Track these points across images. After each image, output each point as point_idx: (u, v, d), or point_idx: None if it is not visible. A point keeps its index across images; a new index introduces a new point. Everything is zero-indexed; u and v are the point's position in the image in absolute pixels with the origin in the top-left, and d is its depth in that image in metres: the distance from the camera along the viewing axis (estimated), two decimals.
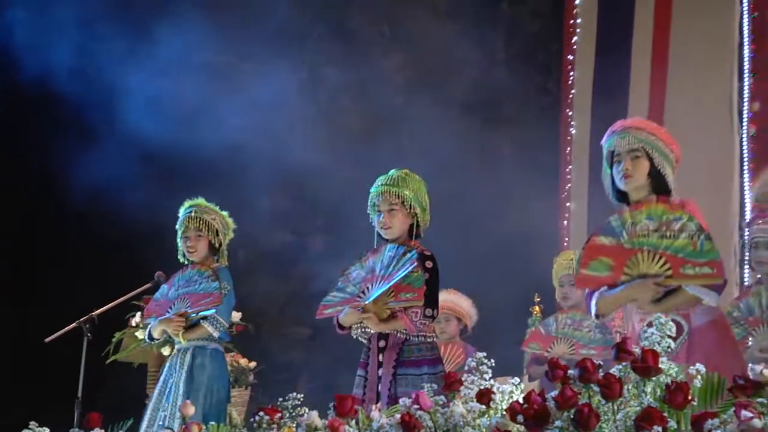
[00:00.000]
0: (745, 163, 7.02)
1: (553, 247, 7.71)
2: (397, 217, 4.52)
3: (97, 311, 5.44)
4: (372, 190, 4.61)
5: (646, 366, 2.97)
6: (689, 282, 3.72)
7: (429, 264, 4.46)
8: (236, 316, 6.13)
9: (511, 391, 3.32)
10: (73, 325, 5.39)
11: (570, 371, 3.07)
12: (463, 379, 3.37)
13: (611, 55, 7.89)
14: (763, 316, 5.02)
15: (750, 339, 4.95)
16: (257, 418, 3.63)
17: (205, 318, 5.04)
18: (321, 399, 3.65)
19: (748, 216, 6.87)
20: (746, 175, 6.99)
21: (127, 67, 7.87)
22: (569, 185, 8.07)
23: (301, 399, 3.75)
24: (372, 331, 4.50)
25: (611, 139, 4.02)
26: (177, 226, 5.21)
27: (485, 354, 3.47)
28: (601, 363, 3.11)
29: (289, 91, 8.31)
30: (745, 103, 7.08)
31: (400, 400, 3.37)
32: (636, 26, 7.76)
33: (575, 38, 8.23)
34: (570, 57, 8.28)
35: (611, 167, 4.02)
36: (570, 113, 8.17)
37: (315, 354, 8.43)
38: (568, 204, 8.03)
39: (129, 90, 7.82)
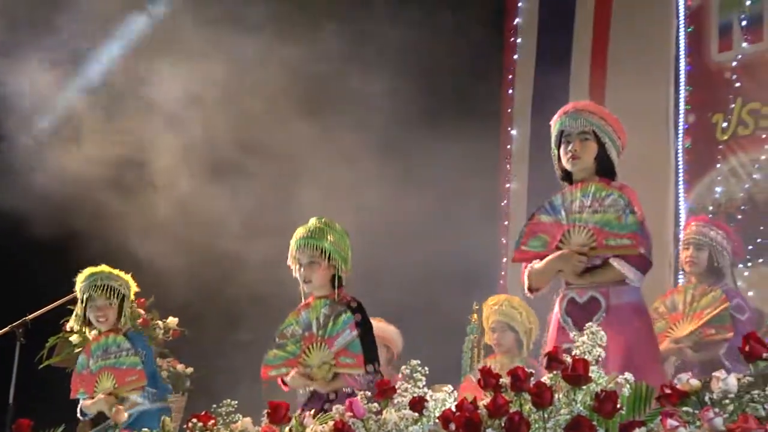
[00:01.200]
0: (680, 175, 7.13)
1: (493, 261, 7.79)
2: (318, 270, 4.50)
3: (30, 316, 5.38)
4: (292, 242, 4.56)
5: (576, 375, 3.00)
6: (609, 252, 3.89)
7: (358, 318, 4.47)
8: (173, 322, 6.10)
9: (444, 399, 3.34)
10: (6, 329, 5.33)
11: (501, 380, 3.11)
12: (396, 386, 3.39)
13: (551, 66, 7.98)
14: (686, 312, 5.18)
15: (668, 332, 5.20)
16: (190, 424, 3.61)
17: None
18: (262, 405, 3.64)
19: (683, 227, 6.99)
20: (681, 187, 7.10)
21: None
22: (508, 194, 8.15)
23: (236, 405, 3.74)
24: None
25: (562, 120, 4.10)
26: (79, 294, 5.15)
27: (419, 362, 3.49)
28: None
29: None
30: (681, 116, 7.19)
31: (334, 407, 3.39)
32: (575, 38, 7.86)
33: (516, 48, 8.33)
34: (511, 67, 8.37)
35: (559, 147, 4.09)
36: (510, 123, 8.26)
37: (257, 359, 8.38)
38: (507, 213, 8.11)
39: None
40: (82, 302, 5.13)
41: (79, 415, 5.23)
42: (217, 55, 7.57)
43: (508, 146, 8.27)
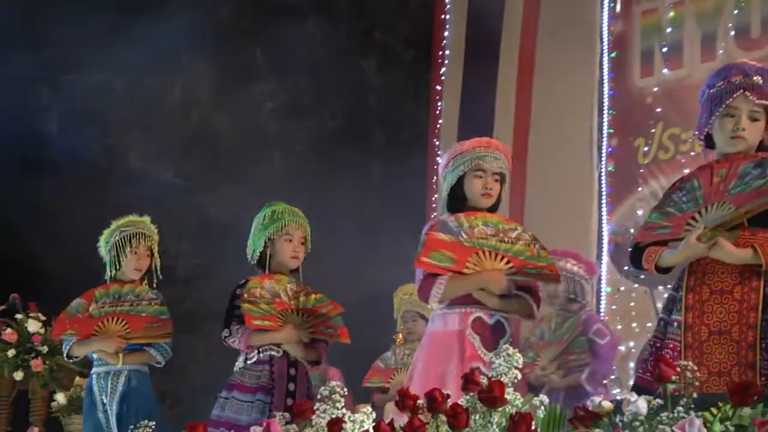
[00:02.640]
0: (604, 197, 7.23)
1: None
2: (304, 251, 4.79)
3: None
4: (282, 216, 4.74)
5: (492, 396, 3.03)
6: (532, 279, 4.04)
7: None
8: None
9: (362, 420, 3.34)
10: None
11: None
12: (315, 407, 3.38)
13: (477, 87, 8.06)
14: (551, 340, 5.30)
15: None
16: None
17: (149, 344, 4.94)
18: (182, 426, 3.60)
19: (605, 249, 7.10)
20: (604, 209, 7.21)
21: None
22: (434, 214, 8.18)
23: (153, 427, 3.69)
24: (277, 355, 4.57)
25: (481, 155, 4.15)
26: (118, 239, 5.11)
27: (339, 383, 3.49)
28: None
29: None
30: (604, 139, 7.31)
31: (251, 428, 3.37)
32: (501, 60, 7.95)
33: (443, 69, 8.39)
34: (438, 87, 8.43)
35: (462, 176, 4.16)
36: (437, 143, 8.32)
37: (179, 379, 8.30)
38: None
39: None
40: (115, 248, 5.08)
41: (65, 355, 5.14)
42: None
43: (435, 166, 8.31)
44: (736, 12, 6.69)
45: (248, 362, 4.59)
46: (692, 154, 6.59)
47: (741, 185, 3.34)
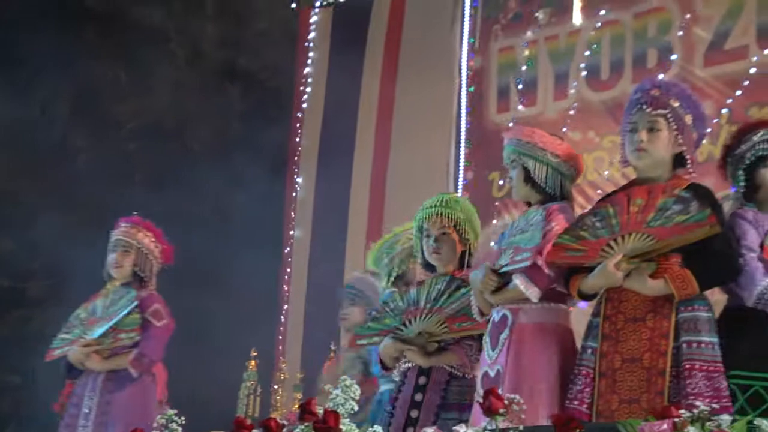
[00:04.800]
0: None
1: (273, 306, 7.82)
2: (448, 242, 4.16)
3: None
4: (419, 214, 4.24)
5: (327, 427, 3.05)
6: (513, 267, 3.72)
7: None
8: None
9: None
10: None
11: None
12: None
13: (338, 116, 8.13)
14: (103, 315, 5.03)
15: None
16: None
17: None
18: None
19: None
20: None
21: None
22: (291, 241, 8.22)
23: None
24: (408, 366, 4.13)
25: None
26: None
27: (177, 411, 3.45)
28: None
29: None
30: (460, 171, 7.45)
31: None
32: (363, 90, 8.04)
33: (305, 96, 8.44)
34: (299, 114, 8.47)
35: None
36: (296, 170, 8.35)
37: (26, 404, 8.07)
38: (289, 260, 8.16)
39: None
40: None
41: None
42: None
43: (294, 194, 8.34)
44: (587, 53, 6.94)
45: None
46: None
47: (662, 219, 3.37)
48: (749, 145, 3.76)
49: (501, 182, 7.19)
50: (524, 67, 7.22)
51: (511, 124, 7.19)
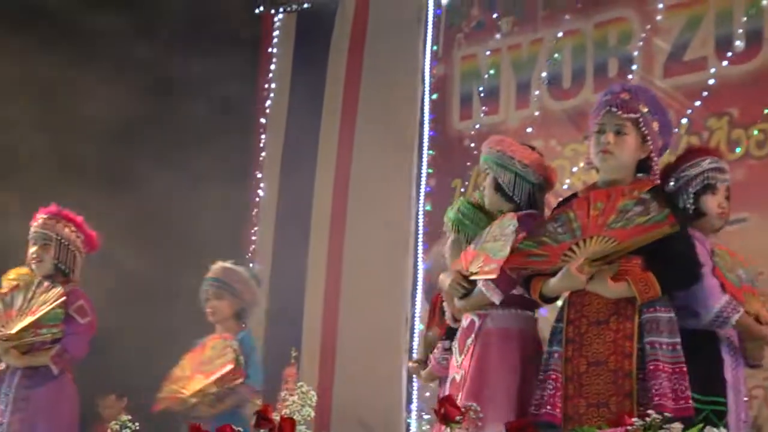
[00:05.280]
0: (420, 236, 7.39)
1: None
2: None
3: None
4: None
5: None
6: (480, 278, 3.75)
7: None
8: None
9: None
10: None
11: None
12: None
13: (301, 121, 8.12)
14: (22, 308, 4.94)
15: None
16: None
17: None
18: None
19: (420, 287, 7.24)
20: (420, 248, 7.36)
21: None
22: (253, 246, 8.20)
23: None
24: None
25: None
26: None
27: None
28: None
29: None
30: (423, 178, 7.47)
31: None
32: (326, 96, 8.03)
33: (268, 104, 8.42)
34: (262, 120, 8.45)
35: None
36: (259, 175, 8.34)
37: None
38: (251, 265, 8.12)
39: None
40: None
41: None
42: None
43: (256, 200, 8.32)
44: (548, 62, 6.98)
45: None
46: None
47: (622, 221, 3.40)
48: (698, 170, 3.80)
49: (462, 190, 7.22)
50: (487, 76, 7.25)
51: (473, 132, 7.25)
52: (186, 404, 5.11)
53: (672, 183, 3.82)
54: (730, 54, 6.20)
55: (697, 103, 6.29)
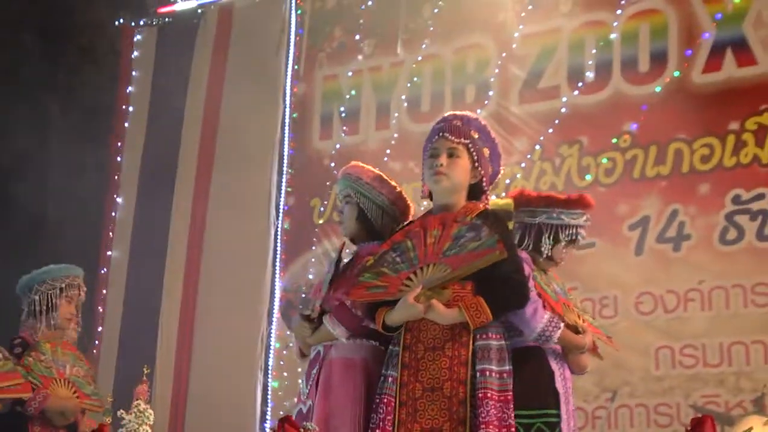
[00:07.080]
0: (278, 254, 7.38)
1: (89, 331, 7.59)
2: None
3: None
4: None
5: None
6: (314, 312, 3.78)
7: None
8: None
9: None
10: None
11: None
12: None
13: (161, 136, 8.02)
14: None
15: None
16: None
17: None
18: None
19: (276, 305, 7.22)
20: (278, 266, 7.35)
21: None
22: (109, 263, 8.05)
23: None
24: None
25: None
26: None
27: None
28: None
29: None
30: (282, 197, 7.47)
31: None
32: (186, 111, 7.97)
33: (127, 116, 8.29)
34: (121, 134, 8.31)
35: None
36: (117, 191, 8.19)
37: None
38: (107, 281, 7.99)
39: None
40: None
41: None
42: None
43: (113, 213, 8.17)
44: (409, 85, 7.09)
45: None
46: None
47: (456, 247, 3.44)
48: (575, 223, 3.93)
49: (321, 209, 7.24)
50: (348, 96, 7.31)
51: (333, 152, 7.28)
52: None
53: (544, 216, 3.92)
54: (580, 84, 6.42)
55: (550, 130, 6.47)
